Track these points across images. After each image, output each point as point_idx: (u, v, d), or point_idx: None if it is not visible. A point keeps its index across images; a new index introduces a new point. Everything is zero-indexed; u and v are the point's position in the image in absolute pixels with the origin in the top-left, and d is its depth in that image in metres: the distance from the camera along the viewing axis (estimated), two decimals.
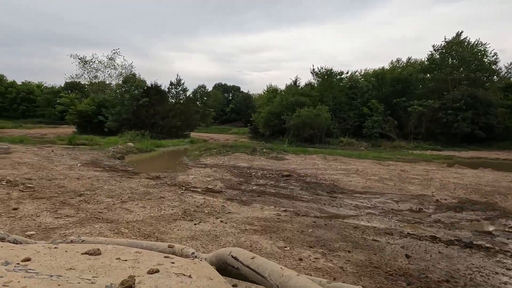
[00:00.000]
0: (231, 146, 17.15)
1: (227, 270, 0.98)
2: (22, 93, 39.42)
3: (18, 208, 4.72)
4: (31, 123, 37.89)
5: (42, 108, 39.40)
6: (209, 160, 13.40)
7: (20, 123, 36.60)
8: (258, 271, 0.82)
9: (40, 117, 39.41)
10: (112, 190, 6.72)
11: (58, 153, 12.14)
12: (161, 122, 27.60)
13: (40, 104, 39.53)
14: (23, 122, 37.15)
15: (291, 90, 30.60)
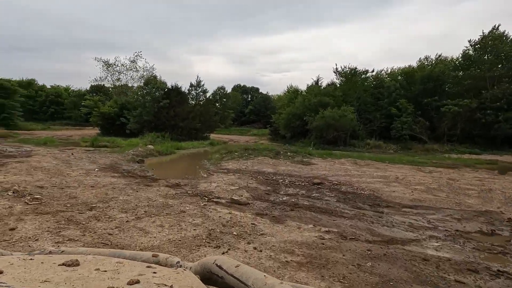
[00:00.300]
0: (253, 149, 16.17)
1: (212, 279, 0.93)
2: (51, 96, 40.61)
3: (15, 228, 3.96)
4: (59, 125, 38.91)
5: (69, 111, 40.40)
6: (231, 164, 12.49)
7: (48, 125, 37.66)
8: (242, 280, 0.77)
9: (67, 119, 40.43)
10: (127, 201, 5.90)
11: (78, 157, 11.67)
12: (181, 124, 27.17)
13: (67, 107, 40.56)
14: (52, 124, 38.20)
15: (313, 91, 29.22)
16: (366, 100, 29.73)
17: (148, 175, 9.29)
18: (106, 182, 7.50)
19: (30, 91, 39.80)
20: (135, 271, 0.76)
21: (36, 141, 17.17)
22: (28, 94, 39.29)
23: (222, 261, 0.93)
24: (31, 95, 39.41)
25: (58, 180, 7.33)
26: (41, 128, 35.60)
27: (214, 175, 9.94)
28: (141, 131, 26.17)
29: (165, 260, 1.00)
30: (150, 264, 0.90)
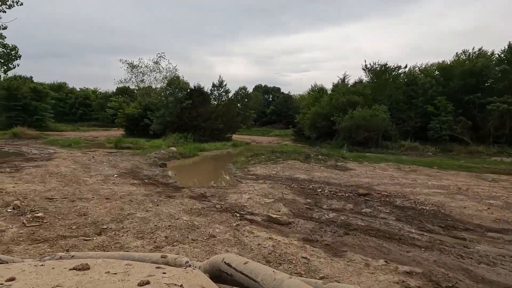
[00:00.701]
0: (281, 152, 14.84)
1: (221, 278, 0.93)
2: (80, 98, 41.54)
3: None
4: (87, 126, 39.69)
5: (96, 112, 41.10)
6: (259, 169, 11.24)
7: (77, 126, 38.45)
8: (251, 276, 0.77)
9: (95, 120, 41.16)
10: (145, 220, 4.80)
11: (98, 160, 10.93)
12: (203, 124, 26.39)
13: (94, 108, 41.30)
14: (80, 125, 39.01)
15: (340, 89, 27.34)
16: (399, 98, 27.43)
17: (170, 182, 8.24)
18: (123, 192, 6.50)
19: (60, 94, 40.93)
20: (144, 272, 0.73)
21: (62, 143, 16.89)
22: (59, 96, 40.39)
23: (230, 258, 0.89)
24: (61, 98, 40.49)
25: (72, 189, 6.42)
26: (71, 129, 36.38)
27: (243, 182, 8.73)
28: (164, 132, 25.68)
29: (174, 260, 0.99)
30: (160, 265, 0.87)
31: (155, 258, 1.03)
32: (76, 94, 41.81)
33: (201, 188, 7.51)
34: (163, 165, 11.24)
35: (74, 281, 0.66)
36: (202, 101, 27.55)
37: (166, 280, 0.71)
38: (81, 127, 37.98)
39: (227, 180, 9.28)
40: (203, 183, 8.76)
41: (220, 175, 10.43)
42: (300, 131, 33.01)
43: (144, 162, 11.39)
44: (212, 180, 9.42)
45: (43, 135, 25.38)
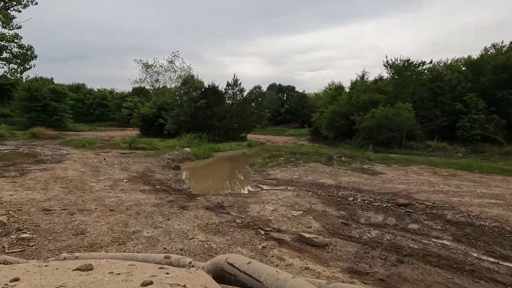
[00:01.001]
0: (301, 153, 13.79)
1: (225, 278, 0.93)
2: (97, 98, 41.89)
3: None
4: (104, 126, 39.97)
5: (113, 112, 41.31)
6: (279, 172, 10.26)
7: (95, 126, 38.77)
8: (254, 276, 0.77)
9: (112, 121, 41.40)
10: (153, 241, 3.94)
11: (110, 162, 10.28)
12: (218, 124, 25.66)
13: (111, 109, 41.53)
14: (98, 125, 39.31)
15: (360, 86, 25.86)
16: (423, 96, 25.65)
17: (184, 188, 7.41)
18: (131, 201, 5.70)
19: (79, 95, 41.42)
20: (148, 272, 0.72)
21: (77, 143, 16.53)
22: (77, 97, 40.88)
23: (233, 258, 0.89)
24: (80, 98, 40.95)
25: (75, 198, 5.69)
26: (88, 129, 36.67)
27: (264, 189, 7.78)
28: (178, 132, 25.16)
29: (177, 261, 0.98)
30: (163, 265, 0.86)
31: (158, 259, 1.01)
32: (94, 95, 42.20)
33: (217, 196, 6.62)
34: (177, 168, 10.46)
35: (78, 282, 0.64)
36: (217, 100, 26.83)
37: (169, 280, 0.68)
38: (98, 127, 38.25)
39: (246, 185, 8.37)
40: (220, 189, 7.89)
41: (237, 179, 9.54)
42: (316, 130, 31.73)
43: (157, 165, 10.66)
44: (229, 186, 8.54)
45: (61, 135, 25.41)
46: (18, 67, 16.16)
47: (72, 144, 16.06)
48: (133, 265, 0.81)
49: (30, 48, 16.01)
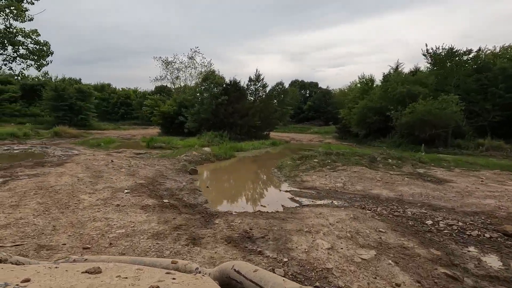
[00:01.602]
0: (337, 154, 11.59)
1: (231, 285, 0.88)
2: (121, 98, 41.78)
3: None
4: (128, 124, 39.74)
5: (136, 111, 40.98)
6: (316, 179, 8.18)
7: (119, 124, 38.59)
8: (260, 284, 0.72)
9: (135, 119, 41.12)
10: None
11: (118, 165, 8.73)
12: (239, 122, 23.88)
13: (134, 107, 41.21)
14: (122, 124, 39.13)
15: (398, 78, 22.85)
16: (469, 88, 22.23)
17: (198, 203, 5.57)
18: (122, 229, 3.93)
19: (104, 94, 41.48)
20: (155, 277, 0.69)
21: (92, 143, 15.40)
22: (102, 96, 40.92)
23: (240, 266, 0.84)
24: (104, 98, 41.00)
25: (45, 222, 4.01)
26: (112, 127, 36.45)
27: (304, 203, 5.75)
28: (199, 130, 23.72)
29: (184, 266, 0.97)
30: (170, 270, 0.83)
31: (165, 264, 1.00)
32: (118, 94, 42.12)
33: (243, 218, 4.69)
34: (193, 172, 8.70)
35: (86, 284, 0.61)
36: (238, 96, 25.06)
37: (175, 286, 0.67)
38: (122, 126, 38.02)
39: (278, 197, 6.40)
40: (245, 203, 5.98)
41: (266, 187, 7.60)
42: (344, 128, 29.03)
43: (171, 168, 8.98)
44: (257, 197, 6.61)
45: (84, 134, 24.85)
46: (34, 63, 15.18)
47: (87, 143, 14.94)
48: (141, 270, 0.77)
49: (46, 43, 15.02)
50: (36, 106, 36.76)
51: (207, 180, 8.41)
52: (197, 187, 6.93)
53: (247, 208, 5.41)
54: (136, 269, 0.80)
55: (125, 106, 41.50)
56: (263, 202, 5.94)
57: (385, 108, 23.07)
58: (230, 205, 5.77)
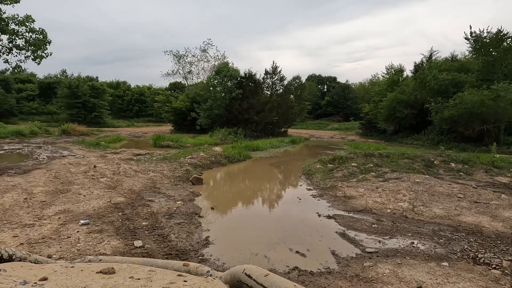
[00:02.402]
0: (380, 156, 8.98)
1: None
2: (136, 95, 40.53)
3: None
4: (142, 121, 38.47)
5: (150, 108, 39.60)
6: (365, 193, 5.69)
7: (133, 122, 37.35)
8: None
9: (150, 116, 39.80)
10: None
11: (100, 172, 6.65)
12: (255, 118, 21.53)
13: (149, 104, 39.85)
14: (136, 121, 37.88)
15: (438, 65, 19.52)
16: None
17: (193, 248, 3.28)
18: None
19: (119, 91, 40.39)
20: (166, 279, 0.71)
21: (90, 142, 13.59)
22: (117, 94, 39.83)
23: (251, 270, 0.85)
24: (119, 95, 39.90)
25: None
26: (126, 125, 35.23)
27: (369, 251, 3.32)
28: (212, 127, 21.61)
29: (195, 269, 0.94)
30: (181, 273, 0.84)
31: (177, 266, 0.96)
32: (133, 91, 40.90)
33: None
34: (197, 181, 6.46)
35: (100, 284, 0.63)
36: (254, 90, 22.70)
37: (189, 284, 0.66)
38: (137, 123, 36.73)
39: (320, 230, 4.00)
40: (271, 246, 3.61)
41: (297, 208, 5.21)
42: (369, 123, 26.01)
43: (169, 175, 6.80)
44: (287, 233, 4.21)
45: (94, 132, 23.41)
46: (31, 54, 13.46)
47: (86, 143, 13.12)
48: (153, 271, 0.77)
49: (42, 31, 13.27)
50: (54, 104, 36.13)
51: (213, 194, 6.15)
52: (197, 209, 4.65)
53: (274, 261, 3.05)
54: (148, 271, 0.76)
55: (139, 103, 40.23)
56: (297, 241, 3.57)
57: (419, 101, 19.95)
58: (246, 245, 3.45)
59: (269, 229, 4.08)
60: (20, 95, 35.93)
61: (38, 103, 36.48)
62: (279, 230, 3.99)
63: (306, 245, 3.43)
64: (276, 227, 4.11)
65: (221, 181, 7.42)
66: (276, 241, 3.55)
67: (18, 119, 31.92)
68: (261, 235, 3.80)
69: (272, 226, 4.21)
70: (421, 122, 20.36)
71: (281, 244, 3.45)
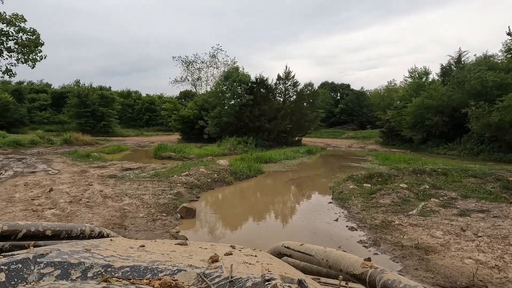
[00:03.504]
0: (435, 174, 6.69)
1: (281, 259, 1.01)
2: (146, 104, 39.60)
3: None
4: (152, 130, 37.31)
5: (160, 117, 38.42)
6: (448, 239, 3.50)
7: (143, 131, 36.23)
8: (306, 252, 0.89)
9: (159, 125, 38.62)
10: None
11: (54, 198, 4.75)
12: (267, 125, 19.50)
13: (159, 113, 38.71)
14: (146, 130, 36.76)
15: (482, 64, 16.86)
16: None
17: None
18: None
19: (129, 100, 39.57)
20: (226, 249, 0.84)
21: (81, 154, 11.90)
22: (128, 103, 38.99)
23: (289, 243, 0.99)
24: (130, 104, 39.05)
25: None
26: (135, 134, 34.05)
27: None
28: (221, 136, 19.74)
29: (242, 248, 1.01)
30: (234, 245, 0.96)
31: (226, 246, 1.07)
32: (143, 100, 39.98)
33: None
34: (187, 213, 4.42)
35: (182, 250, 0.78)
36: (266, 96, 20.75)
37: (243, 252, 0.82)
38: (146, 132, 35.55)
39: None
40: None
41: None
42: (391, 131, 23.43)
43: (151, 202, 4.81)
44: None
45: (99, 141, 22.03)
46: (23, 56, 12.05)
47: (75, 154, 11.44)
48: (213, 245, 0.91)
49: (34, 32, 11.90)
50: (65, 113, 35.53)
51: (208, 237, 4.08)
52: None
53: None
54: (210, 245, 0.90)
55: (149, 112, 39.20)
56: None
57: (451, 105, 17.44)
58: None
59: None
60: (32, 105, 35.61)
61: (50, 112, 36.00)
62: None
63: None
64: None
65: (222, 210, 5.35)
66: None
67: (29, 128, 31.24)
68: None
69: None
70: (452, 129, 17.75)
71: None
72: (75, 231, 0.86)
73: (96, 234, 0.93)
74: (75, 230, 0.86)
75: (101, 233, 0.96)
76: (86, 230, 0.90)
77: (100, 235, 0.95)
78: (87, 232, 0.90)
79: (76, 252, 0.57)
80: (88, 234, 0.90)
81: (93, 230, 0.92)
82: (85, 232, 0.89)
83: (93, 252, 0.60)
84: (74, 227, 0.86)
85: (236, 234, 4.16)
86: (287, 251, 0.98)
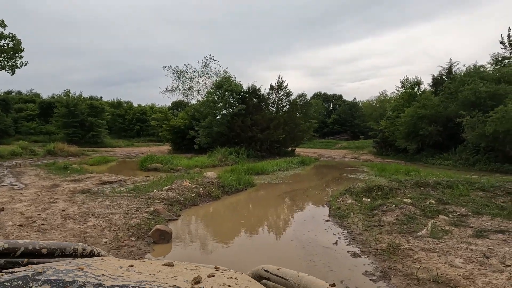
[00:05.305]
0: (440, 186, 6.15)
1: (261, 281, 1.06)
2: (137, 114, 38.79)
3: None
4: (143, 141, 36.35)
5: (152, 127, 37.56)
6: (471, 269, 2.90)
7: (134, 141, 35.23)
8: (282, 276, 0.94)
9: (151, 136, 37.70)
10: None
11: (4, 219, 3.98)
12: (260, 135, 18.96)
13: (150, 124, 37.88)
14: (137, 141, 35.78)
15: (471, 75, 16.87)
16: None
17: None
18: None
19: (120, 110, 38.71)
20: (209, 271, 0.87)
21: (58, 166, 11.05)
22: (119, 113, 38.13)
23: (267, 267, 1.04)
24: (120, 114, 38.16)
25: None
26: (125, 145, 33.02)
27: None
28: (212, 146, 19.06)
29: (224, 271, 1.08)
30: (219, 267, 1.04)
31: (210, 268, 1.13)
32: (134, 110, 39.15)
33: None
34: (160, 237, 3.71)
35: (168, 270, 0.80)
36: (258, 105, 20.33)
37: (225, 275, 0.85)
38: (137, 143, 34.51)
39: None
40: None
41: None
42: (385, 141, 23.18)
43: (121, 223, 4.09)
44: None
45: (85, 152, 20.99)
46: (3, 61, 11.32)
47: (52, 167, 10.57)
48: (198, 266, 0.94)
49: (13, 37, 11.23)
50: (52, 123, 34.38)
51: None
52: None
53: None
54: (195, 266, 0.94)
55: (140, 123, 38.33)
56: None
57: (444, 115, 17.29)
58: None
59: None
60: (19, 115, 34.38)
61: (38, 122, 34.79)
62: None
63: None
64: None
65: (204, 231, 4.64)
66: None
67: (14, 139, 29.90)
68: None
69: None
70: (447, 139, 17.53)
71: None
72: (68, 250, 0.90)
73: (88, 252, 0.97)
74: (69, 248, 0.90)
75: (92, 251, 1.00)
76: (79, 249, 0.94)
77: (91, 253, 0.98)
78: (79, 251, 0.94)
79: (70, 270, 0.61)
80: (80, 252, 0.94)
81: (85, 249, 0.97)
82: (78, 251, 0.93)
83: (86, 271, 0.63)
84: (67, 245, 0.90)
85: (217, 258, 3.46)
86: (266, 275, 1.03)
